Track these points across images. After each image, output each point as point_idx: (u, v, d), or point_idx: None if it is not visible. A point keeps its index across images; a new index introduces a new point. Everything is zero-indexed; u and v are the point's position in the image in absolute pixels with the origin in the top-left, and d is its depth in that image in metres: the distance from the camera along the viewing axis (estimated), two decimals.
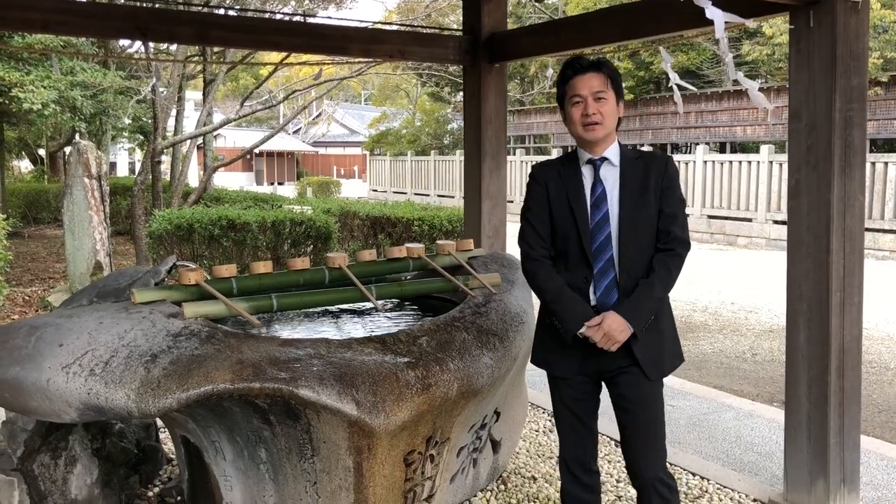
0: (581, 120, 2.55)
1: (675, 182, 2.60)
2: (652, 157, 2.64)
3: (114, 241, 10.22)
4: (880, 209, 13.48)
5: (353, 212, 10.58)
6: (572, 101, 2.57)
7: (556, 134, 23.65)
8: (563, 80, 2.61)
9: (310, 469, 2.58)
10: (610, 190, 2.57)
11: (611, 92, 2.55)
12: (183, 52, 12.36)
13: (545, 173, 2.68)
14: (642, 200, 2.55)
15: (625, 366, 2.57)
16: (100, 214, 7.96)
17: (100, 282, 3.25)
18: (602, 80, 2.54)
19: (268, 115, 33.92)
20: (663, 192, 2.56)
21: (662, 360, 2.61)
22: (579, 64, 2.57)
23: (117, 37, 8.05)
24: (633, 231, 2.53)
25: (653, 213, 2.55)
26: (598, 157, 2.59)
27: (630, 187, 2.56)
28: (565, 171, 2.65)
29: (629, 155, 2.62)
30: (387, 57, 5.21)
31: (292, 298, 3.05)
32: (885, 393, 5.76)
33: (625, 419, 2.65)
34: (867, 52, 3.30)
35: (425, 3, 17.07)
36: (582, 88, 2.54)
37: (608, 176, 2.59)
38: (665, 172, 2.57)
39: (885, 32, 15.69)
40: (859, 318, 3.34)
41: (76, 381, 2.33)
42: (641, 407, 2.60)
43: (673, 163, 2.64)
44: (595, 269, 2.54)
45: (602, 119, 2.53)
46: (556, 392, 2.72)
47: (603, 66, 2.57)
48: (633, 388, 2.59)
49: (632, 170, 2.58)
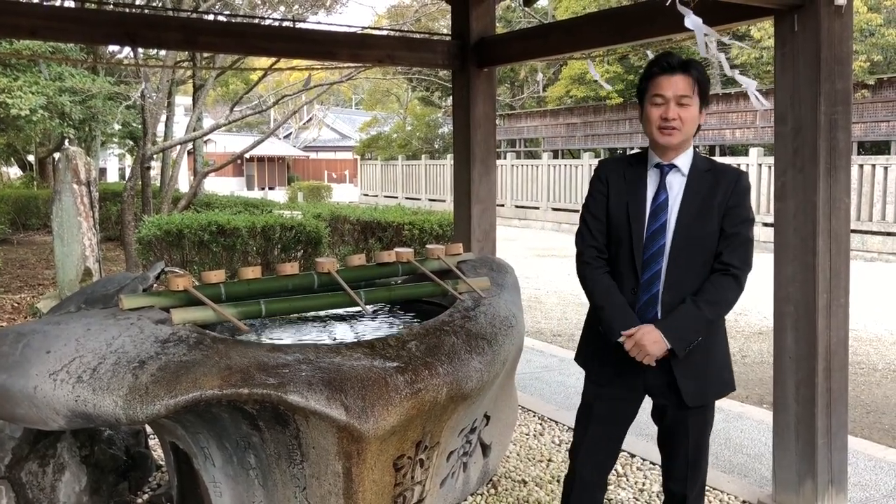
0: (659, 122, 2.39)
1: (743, 200, 2.42)
2: (724, 170, 2.47)
3: (103, 247, 10.18)
4: (868, 211, 13.56)
5: (343, 216, 10.57)
6: (653, 101, 2.40)
7: (546, 138, 23.71)
8: (647, 76, 2.45)
9: (299, 475, 2.58)
10: (673, 200, 2.42)
11: (696, 97, 2.39)
12: (172, 57, 12.34)
13: (609, 171, 2.54)
14: (703, 216, 2.40)
15: (661, 386, 2.47)
16: (89, 220, 7.92)
17: (88, 288, 3.24)
18: (689, 83, 2.38)
19: (258, 119, 33.91)
20: (728, 210, 2.40)
21: (705, 388, 2.48)
22: (668, 62, 2.40)
23: (106, 42, 8.03)
24: (686, 247, 2.39)
25: (712, 231, 2.39)
26: (668, 163, 2.44)
27: (692, 200, 2.41)
28: (630, 173, 2.50)
29: (700, 165, 2.46)
30: (376, 62, 5.22)
31: (281, 304, 3.04)
32: (873, 394, 5.79)
33: (661, 440, 2.62)
34: (851, 55, 3.33)
35: (414, 7, 17.08)
36: (666, 89, 2.38)
37: (674, 184, 2.44)
38: (734, 189, 2.41)
39: (871, 36, 15.81)
40: (846, 319, 3.36)
41: (64, 388, 2.32)
42: (677, 432, 2.53)
43: (746, 179, 2.46)
44: (641, 279, 2.42)
45: (681, 125, 2.38)
46: (585, 394, 2.64)
47: (693, 68, 2.40)
48: (671, 411, 2.51)
49: (699, 182, 2.42)
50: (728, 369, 2.56)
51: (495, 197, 5.35)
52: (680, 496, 2.60)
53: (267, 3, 14.72)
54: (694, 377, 2.45)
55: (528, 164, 21.50)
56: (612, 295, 2.46)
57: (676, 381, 2.43)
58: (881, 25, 15.83)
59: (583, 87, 21.94)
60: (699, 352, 2.43)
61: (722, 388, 2.54)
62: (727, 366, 2.56)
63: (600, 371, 2.57)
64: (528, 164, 21.54)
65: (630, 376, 2.49)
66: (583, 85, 21.83)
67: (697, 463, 2.57)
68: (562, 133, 23.11)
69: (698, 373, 2.45)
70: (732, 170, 2.49)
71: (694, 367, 2.44)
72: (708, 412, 2.56)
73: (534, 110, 24.89)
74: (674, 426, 2.54)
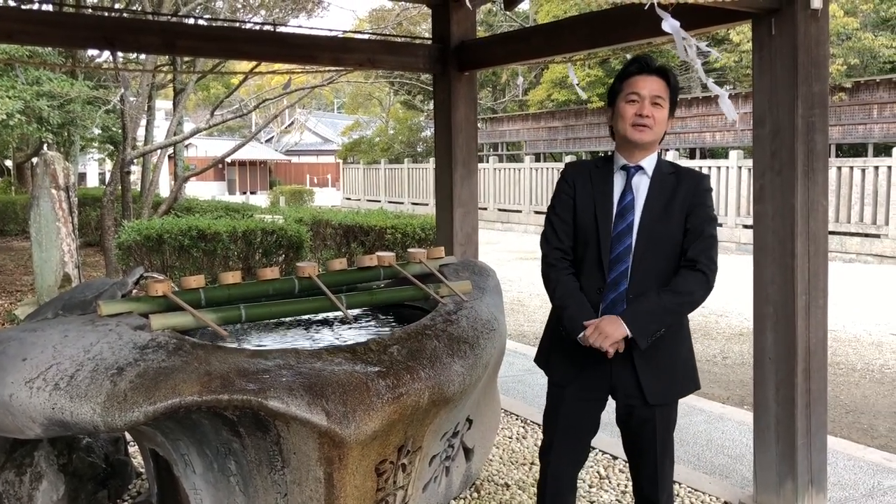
0: (633, 119, 2.45)
1: (704, 200, 2.49)
2: (686, 173, 2.54)
3: (83, 253, 10.08)
4: (846, 213, 13.71)
5: (325, 220, 10.54)
6: (628, 98, 2.47)
7: (528, 141, 23.77)
8: (623, 76, 2.51)
9: (280, 481, 2.56)
10: (638, 200, 2.48)
11: (667, 102, 2.47)
12: (152, 61, 12.25)
13: (575, 174, 2.59)
14: (665, 215, 2.46)
15: (627, 386, 2.49)
16: (68, 226, 7.85)
17: (66, 294, 3.20)
18: (663, 86, 2.46)
19: (239, 123, 33.73)
20: (692, 209, 2.46)
21: (668, 386, 2.52)
22: (646, 63, 2.48)
23: (84, 47, 7.98)
24: (650, 245, 2.45)
25: (674, 230, 2.46)
26: (634, 164, 2.50)
27: (656, 201, 2.47)
28: (597, 175, 2.56)
29: (664, 168, 2.53)
30: (357, 65, 5.21)
31: (261, 309, 3.03)
32: (852, 394, 5.85)
33: (627, 445, 2.63)
34: (828, 58, 3.36)
35: (396, 11, 17.09)
36: (642, 88, 2.45)
37: (640, 185, 2.50)
38: (695, 190, 2.48)
39: (848, 39, 15.99)
40: (824, 320, 3.38)
41: (40, 396, 2.30)
42: (644, 431, 2.55)
43: (707, 182, 2.54)
44: (608, 279, 2.46)
45: (653, 124, 2.45)
46: (549, 397, 2.67)
47: (668, 73, 2.49)
48: (637, 410, 2.53)
49: (662, 183, 2.49)
50: (692, 367, 2.60)
51: (477, 200, 5.35)
52: (653, 500, 2.62)
53: (247, 7, 14.66)
54: (658, 376, 2.48)
55: (511, 168, 21.55)
56: (575, 295, 2.50)
57: (640, 381, 2.46)
58: (857, 29, 16.02)
59: (564, 91, 22.02)
60: (663, 350, 2.47)
61: (686, 387, 2.58)
62: (691, 364, 2.60)
63: (563, 372, 2.60)
64: (510, 168, 21.58)
65: (593, 376, 2.52)
66: (564, 88, 21.92)
67: (664, 462, 2.60)
68: (543, 136, 23.18)
69: (662, 371, 2.49)
70: (695, 172, 2.57)
71: (658, 365, 2.48)
72: (672, 410, 2.59)
73: (516, 114, 24.95)
74: (639, 426, 2.56)
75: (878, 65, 16.58)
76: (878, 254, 13.22)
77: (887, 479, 3.94)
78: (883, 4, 16.84)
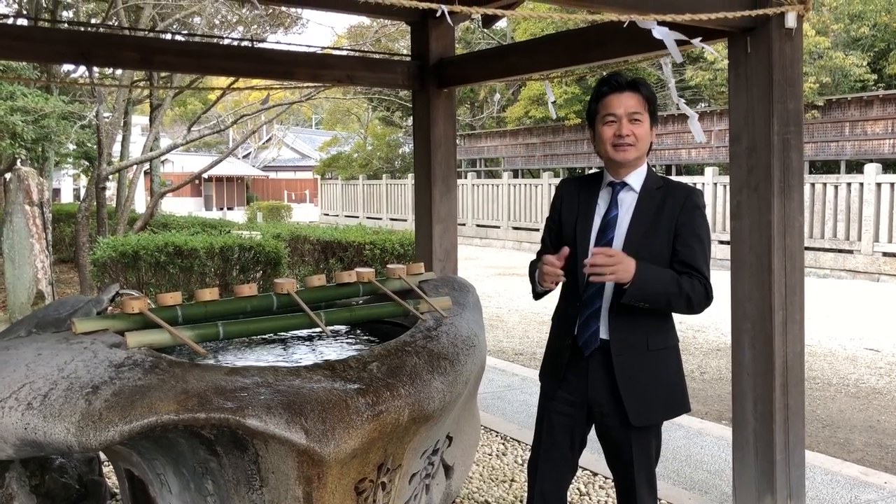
0: (613, 140, 2.42)
1: (693, 217, 2.43)
2: (675, 187, 2.49)
3: (57, 270, 9.96)
4: (820, 229, 13.90)
5: (303, 236, 10.49)
6: (605, 120, 2.44)
7: (506, 157, 23.90)
8: (597, 97, 2.48)
9: (258, 500, 2.53)
10: (622, 217, 2.45)
11: (646, 115, 2.43)
12: (129, 76, 12.18)
13: (566, 190, 2.61)
14: (652, 233, 2.42)
15: (605, 402, 2.46)
16: (42, 242, 7.75)
17: (39, 311, 3.15)
18: (639, 100, 2.42)
19: (217, 139, 33.59)
20: (679, 227, 2.41)
21: (652, 407, 2.46)
22: (616, 81, 2.43)
23: (59, 62, 7.91)
24: None
25: (659, 249, 2.41)
26: (619, 180, 2.47)
27: (642, 217, 2.43)
28: (585, 191, 2.55)
29: (652, 183, 2.48)
30: (335, 82, 5.21)
31: (239, 326, 2.99)
32: (829, 408, 5.90)
33: (608, 461, 2.61)
34: (802, 77, 3.41)
35: (374, 28, 17.15)
36: (617, 107, 2.41)
37: (625, 201, 2.47)
38: (683, 206, 2.42)
39: (819, 58, 16.27)
40: (801, 335, 3.41)
41: (12, 416, 2.25)
42: (622, 452, 2.51)
43: (697, 196, 2.47)
44: (583, 295, 2.43)
45: (635, 141, 2.41)
46: (538, 409, 2.68)
47: (641, 86, 2.44)
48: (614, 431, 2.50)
49: (649, 199, 2.45)
50: (681, 391, 2.55)
51: (456, 216, 5.36)
52: None
53: (225, 23, 14.64)
54: (638, 393, 2.44)
55: (489, 184, 21.64)
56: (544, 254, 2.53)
57: (622, 399, 2.42)
58: (829, 48, 16.31)
59: (541, 108, 22.17)
60: (644, 369, 2.44)
61: (672, 410, 2.54)
62: (679, 387, 2.55)
63: (549, 384, 2.62)
64: (488, 184, 21.68)
65: (573, 386, 2.52)
66: (541, 106, 22.06)
67: (642, 485, 2.53)
68: (521, 153, 23.32)
69: (643, 390, 2.44)
70: (684, 187, 2.52)
71: (641, 383, 2.44)
72: (650, 433, 2.53)
73: (494, 130, 25.09)
74: (617, 447, 2.53)
75: (849, 83, 16.87)
76: (851, 269, 13.40)
77: (864, 493, 3.97)
78: (853, 24, 17.17)
